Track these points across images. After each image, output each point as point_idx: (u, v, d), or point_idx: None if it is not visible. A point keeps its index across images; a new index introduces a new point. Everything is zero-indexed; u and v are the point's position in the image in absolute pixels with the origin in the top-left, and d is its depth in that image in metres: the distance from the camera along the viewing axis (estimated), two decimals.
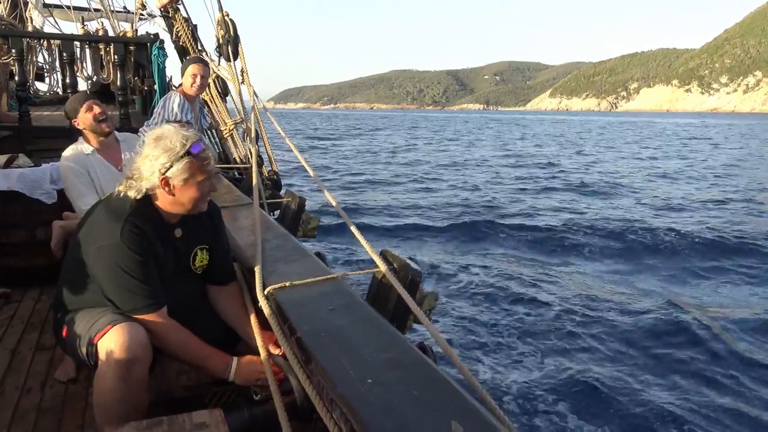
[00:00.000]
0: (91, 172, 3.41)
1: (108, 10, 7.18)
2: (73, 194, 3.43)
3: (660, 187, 19.24)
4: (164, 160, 2.13)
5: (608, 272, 9.47)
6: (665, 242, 11.04)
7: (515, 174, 22.74)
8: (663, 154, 35.24)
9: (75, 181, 3.41)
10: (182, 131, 2.21)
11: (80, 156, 3.46)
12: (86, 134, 3.53)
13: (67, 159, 3.45)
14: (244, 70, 5.10)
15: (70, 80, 5.55)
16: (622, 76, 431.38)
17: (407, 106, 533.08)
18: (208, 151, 2.21)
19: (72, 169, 3.41)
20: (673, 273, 9.42)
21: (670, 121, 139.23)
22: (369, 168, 25.11)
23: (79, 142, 3.54)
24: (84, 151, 3.49)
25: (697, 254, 10.37)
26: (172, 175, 2.14)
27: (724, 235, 11.37)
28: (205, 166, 2.18)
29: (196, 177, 2.16)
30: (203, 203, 2.26)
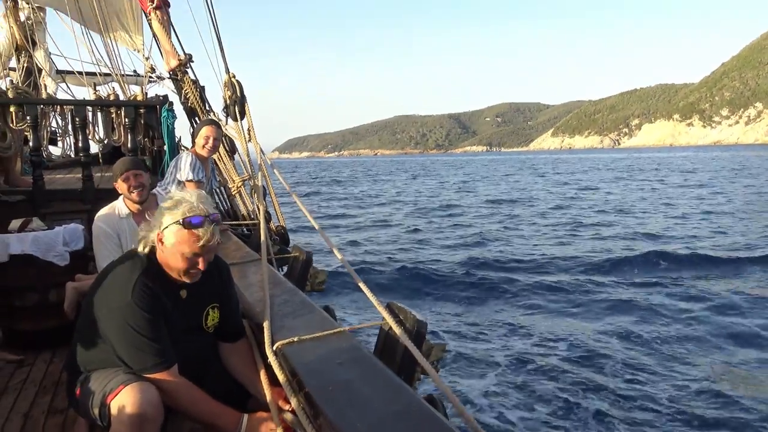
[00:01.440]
0: (122, 236, 3.53)
1: (119, 74, 7.44)
2: (99, 255, 3.56)
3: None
4: (166, 219, 2.24)
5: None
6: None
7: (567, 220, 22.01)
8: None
9: (104, 242, 3.54)
10: (201, 204, 2.27)
11: (113, 218, 3.60)
12: (124, 198, 3.70)
13: (99, 219, 3.59)
14: (250, 129, 5.27)
15: (82, 144, 5.72)
16: (622, 113, 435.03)
17: (411, 150, 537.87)
18: (206, 232, 2.21)
19: (102, 230, 3.55)
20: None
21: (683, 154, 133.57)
22: (375, 214, 25.27)
23: (119, 201, 3.69)
24: (119, 213, 3.64)
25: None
26: (166, 234, 2.23)
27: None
28: (193, 241, 2.20)
29: (182, 246, 2.20)
30: (190, 276, 2.28)
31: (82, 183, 5.60)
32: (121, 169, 3.64)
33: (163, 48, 6.39)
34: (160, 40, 6.28)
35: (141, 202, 3.67)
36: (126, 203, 3.69)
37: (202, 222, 2.21)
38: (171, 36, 6.24)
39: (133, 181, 3.62)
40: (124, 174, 3.60)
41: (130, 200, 3.67)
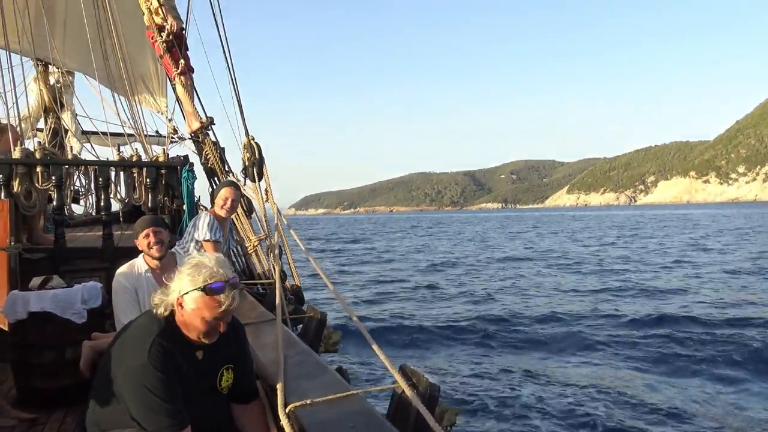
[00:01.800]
0: (139, 291, 3.63)
1: (142, 135, 7.69)
2: (117, 309, 3.69)
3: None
4: (185, 284, 2.27)
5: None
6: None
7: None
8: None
9: (122, 296, 3.66)
10: (221, 269, 2.32)
11: (132, 274, 3.72)
12: (144, 254, 3.83)
13: (119, 275, 3.73)
14: (268, 190, 5.38)
15: (104, 203, 5.86)
16: (638, 170, 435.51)
17: (426, 207, 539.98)
18: (227, 297, 2.26)
19: (121, 284, 3.68)
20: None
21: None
22: (389, 271, 25.21)
23: (139, 259, 3.81)
24: (138, 269, 3.76)
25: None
26: (184, 301, 2.26)
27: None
28: (214, 306, 2.24)
29: (203, 311, 2.24)
30: (209, 338, 2.32)
31: (102, 241, 5.71)
32: (143, 226, 3.80)
33: (185, 111, 6.63)
34: (184, 103, 6.52)
35: (160, 258, 3.80)
36: (145, 260, 3.81)
37: (223, 287, 2.25)
38: (194, 99, 6.48)
39: (153, 238, 3.76)
40: (145, 231, 3.76)
41: (150, 256, 3.80)
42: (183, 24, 6.76)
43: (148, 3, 6.56)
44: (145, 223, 3.82)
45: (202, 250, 4.20)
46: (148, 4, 6.57)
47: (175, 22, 6.55)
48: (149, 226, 3.78)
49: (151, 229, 3.77)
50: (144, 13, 6.63)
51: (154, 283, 3.76)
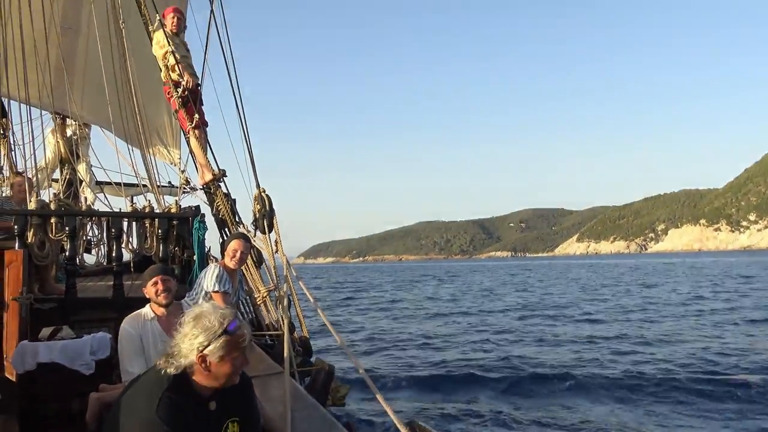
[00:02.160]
0: (144, 338, 3.70)
1: (155, 186, 7.84)
2: (121, 355, 3.78)
3: None
4: (202, 339, 2.26)
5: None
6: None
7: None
8: None
9: (126, 344, 3.76)
10: (220, 310, 2.37)
11: (138, 321, 3.82)
12: (152, 302, 3.94)
13: (125, 323, 3.84)
14: (278, 241, 5.45)
15: (116, 253, 5.93)
16: (647, 218, 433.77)
17: (435, 256, 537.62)
18: (244, 328, 2.35)
19: (126, 332, 3.78)
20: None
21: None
22: (398, 320, 24.97)
23: (146, 307, 3.90)
24: (145, 317, 3.84)
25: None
26: (209, 353, 2.26)
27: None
28: (240, 343, 2.31)
29: (232, 353, 2.29)
30: (236, 377, 2.36)
31: (112, 291, 5.75)
32: (151, 274, 3.96)
33: (198, 163, 6.78)
34: (197, 155, 6.67)
35: (167, 305, 3.93)
36: (152, 308, 3.91)
37: (237, 323, 2.33)
38: (207, 152, 6.63)
39: (161, 286, 3.90)
40: (153, 278, 3.89)
41: (157, 303, 3.92)
42: (198, 80, 6.99)
43: (165, 60, 6.80)
44: (153, 272, 3.97)
45: (212, 302, 4.23)
46: (166, 61, 6.81)
47: (191, 78, 6.77)
48: (158, 274, 3.92)
49: (159, 277, 3.90)
50: (161, 69, 6.86)
51: (160, 331, 3.82)
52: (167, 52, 6.77)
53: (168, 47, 6.76)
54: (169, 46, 6.75)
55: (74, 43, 9.84)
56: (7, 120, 8.31)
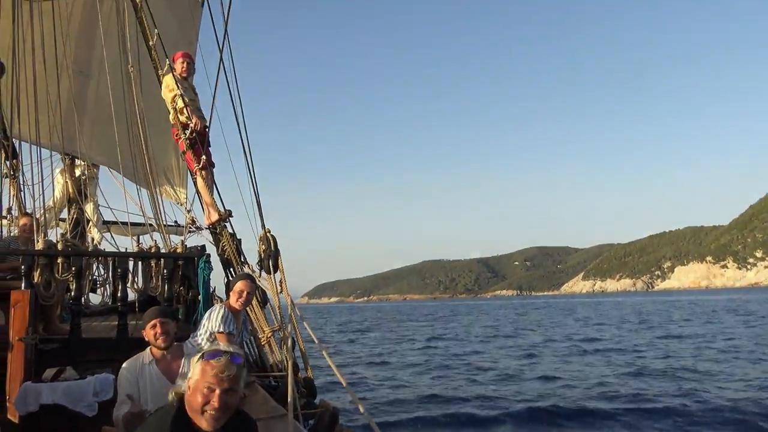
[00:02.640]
0: (141, 381, 3.67)
1: (161, 226, 7.91)
2: (118, 398, 3.71)
3: None
4: (194, 362, 2.37)
5: None
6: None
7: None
8: None
9: (123, 385, 3.71)
10: (226, 347, 2.41)
11: (136, 364, 3.79)
12: (150, 347, 3.91)
13: (123, 368, 3.79)
14: (282, 281, 5.46)
15: (121, 293, 5.94)
16: (653, 256, 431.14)
17: (440, 295, 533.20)
18: (219, 362, 2.30)
19: (123, 375, 3.75)
20: None
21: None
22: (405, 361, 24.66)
23: (146, 351, 3.89)
24: (143, 360, 3.82)
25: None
26: (191, 378, 2.33)
27: None
28: (208, 371, 2.28)
29: (201, 380, 2.28)
30: (205, 418, 2.26)
31: (117, 332, 5.74)
32: (150, 317, 3.93)
33: (204, 203, 6.86)
34: (203, 196, 6.75)
35: (165, 348, 3.89)
36: (152, 351, 3.89)
37: (220, 355, 2.33)
38: (213, 193, 6.72)
39: (159, 329, 3.87)
40: (152, 321, 3.87)
41: (155, 347, 3.89)
42: (207, 123, 7.12)
43: (174, 103, 6.95)
44: (152, 315, 3.95)
45: (216, 342, 4.24)
46: (174, 104, 6.95)
47: (199, 121, 6.90)
48: (156, 317, 3.91)
49: (158, 320, 3.89)
50: (170, 112, 7.01)
51: (159, 374, 3.79)
52: (176, 95, 6.92)
53: (177, 91, 6.91)
54: (178, 90, 6.91)
55: (85, 85, 10.07)
56: (18, 161, 8.43)
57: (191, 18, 10.56)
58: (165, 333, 3.87)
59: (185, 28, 10.67)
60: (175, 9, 10.62)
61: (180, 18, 10.67)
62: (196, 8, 10.80)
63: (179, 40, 10.38)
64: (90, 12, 9.50)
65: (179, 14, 10.66)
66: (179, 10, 10.64)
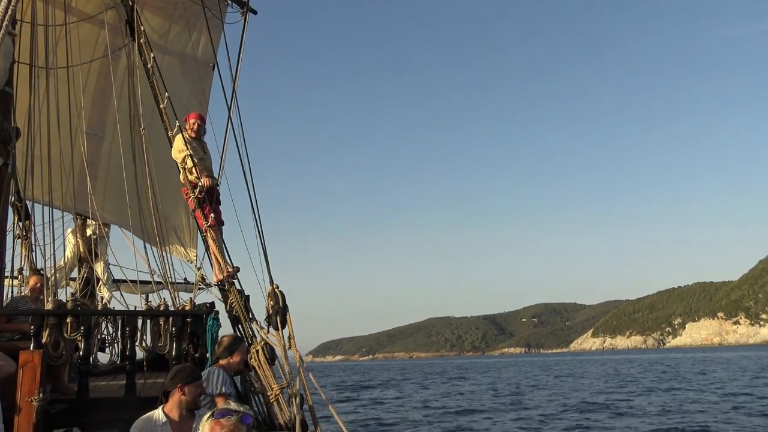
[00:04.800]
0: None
1: (170, 283, 7.97)
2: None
3: None
4: (203, 421, 2.39)
5: None
6: None
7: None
8: None
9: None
10: (234, 405, 2.43)
11: (149, 426, 3.70)
12: (164, 406, 3.84)
13: (136, 427, 3.74)
14: (291, 337, 5.46)
15: (129, 352, 5.94)
16: (663, 312, 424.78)
17: (446, 353, 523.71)
18: (229, 420, 2.35)
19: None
20: None
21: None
22: (413, 420, 24.07)
23: (158, 410, 3.82)
24: (156, 421, 3.74)
25: None
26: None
27: None
28: (218, 430, 2.34)
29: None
30: None
31: (124, 391, 5.71)
32: (194, 377, 3.87)
33: (213, 260, 6.92)
34: (212, 253, 6.82)
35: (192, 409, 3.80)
36: (165, 410, 3.81)
37: (231, 414, 2.36)
38: (222, 250, 6.79)
39: (198, 391, 3.88)
40: (196, 382, 3.80)
41: (182, 406, 3.79)
42: (216, 181, 7.29)
43: (184, 163, 7.13)
44: (185, 376, 3.90)
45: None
46: (184, 164, 7.14)
47: (208, 180, 7.06)
48: (188, 381, 3.86)
49: (201, 381, 3.90)
50: (180, 171, 7.18)
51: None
52: (186, 155, 7.11)
53: (186, 151, 7.10)
54: (188, 150, 7.10)
55: (98, 148, 10.33)
56: (30, 222, 8.57)
57: (201, 81, 10.94)
58: (200, 394, 3.89)
59: (196, 91, 11.03)
60: (187, 73, 11.01)
61: (191, 81, 11.05)
62: (206, 72, 11.20)
63: (190, 102, 10.72)
64: (104, 77, 9.85)
65: (190, 78, 11.04)
66: (190, 74, 11.03)
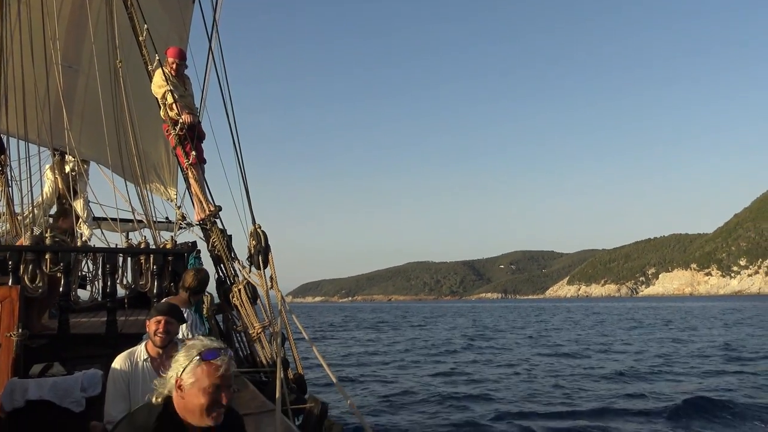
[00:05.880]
0: (133, 380, 3.60)
1: (151, 221, 7.86)
2: (107, 396, 3.65)
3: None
4: (182, 363, 2.29)
5: None
6: None
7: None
8: None
9: (111, 387, 3.64)
10: (214, 343, 2.39)
11: (131, 361, 3.70)
12: (147, 341, 3.84)
13: (117, 361, 3.71)
14: (273, 277, 5.46)
15: (110, 289, 5.91)
16: (638, 262, 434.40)
17: (425, 297, 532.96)
18: (222, 363, 2.28)
19: (115, 373, 3.67)
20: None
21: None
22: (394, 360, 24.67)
23: (140, 345, 3.83)
24: (137, 357, 3.73)
25: None
26: (184, 377, 2.26)
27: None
28: (212, 373, 2.26)
29: (202, 382, 2.24)
30: (211, 417, 2.27)
31: (105, 328, 5.71)
32: (159, 310, 3.85)
33: (195, 199, 6.83)
34: (194, 192, 6.72)
35: (161, 346, 3.82)
36: (147, 346, 3.81)
37: (218, 353, 2.30)
38: (204, 188, 6.70)
39: (162, 326, 3.80)
40: (157, 317, 3.79)
41: (153, 342, 3.82)
42: (198, 118, 7.11)
43: (164, 99, 6.93)
44: (161, 310, 3.87)
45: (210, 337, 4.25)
46: (164, 100, 6.93)
47: (189, 116, 6.88)
48: (164, 314, 3.83)
49: (164, 318, 3.82)
50: (160, 107, 6.98)
51: (153, 373, 3.74)
52: (166, 91, 6.90)
53: (166, 86, 6.89)
54: (168, 86, 6.88)
55: (74, 81, 9.99)
56: (6, 156, 8.34)
57: (182, 14, 10.53)
58: (166, 332, 3.80)
59: (176, 23, 10.64)
60: (166, 5, 10.59)
61: (171, 14, 10.63)
62: (186, 5, 10.78)
63: (170, 36, 10.34)
64: (79, 7, 9.43)
65: (170, 10, 10.62)
66: (170, 6, 10.61)
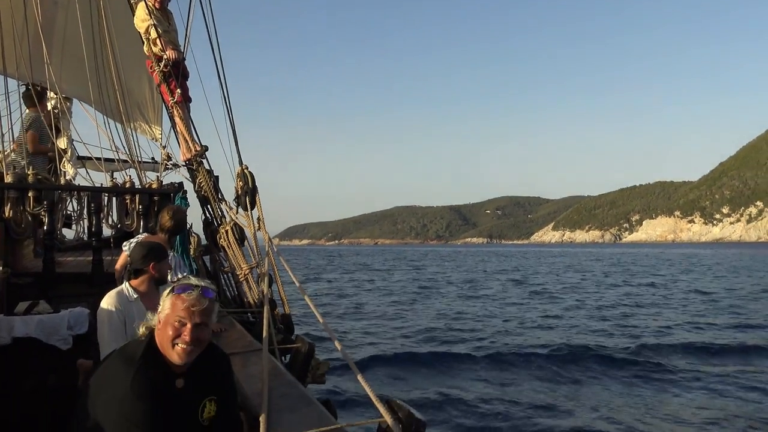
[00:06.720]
0: (128, 319, 3.55)
1: (136, 161, 7.73)
2: (102, 338, 3.54)
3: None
4: (164, 296, 2.36)
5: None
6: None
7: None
8: None
9: (107, 324, 3.53)
10: (196, 280, 2.39)
11: (122, 300, 3.59)
12: (130, 280, 3.74)
13: (107, 302, 3.57)
14: (260, 219, 5.44)
15: (95, 228, 5.86)
16: (623, 209, 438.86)
17: (411, 240, 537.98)
18: (190, 295, 2.28)
19: (109, 312, 3.55)
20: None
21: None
22: (381, 303, 25.10)
23: (125, 286, 3.71)
24: (128, 296, 3.66)
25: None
26: (161, 311, 2.32)
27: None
28: (178, 305, 2.28)
29: (172, 314, 2.27)
30: (178, 354, 2.27)
31: (91, 267, 5.70)
32: (155, 257, 3.74)
33: (180, 138, 6.71)
34: (179, 131, 6.59)
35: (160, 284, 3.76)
36: (133, 284, 3.73)
37: (191, 288, 2.31)
38: (189, 128, 6.56)
39: (166, 267, 3.80)
40: (153, 263, 3.71)
41: (151, 282, 3.74)
42: (183, 54, 6.88)
43: (147, 34, 6.68)
44: (156, 254, 3.77)
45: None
46: (147, 35, 6.69)
47: (174, 52, 6.66)
48: (156, 259, 3.73)
49: (164, 263, 3.77)
50: (144, 42, 6.75)
51: (144, 310, 3.72)
52: (149, 25, 6.65)
53: (149, 20, 6.64)
54: (151, 20, 6.63)
55: (53, 13, 9.58)
56: None
57: None
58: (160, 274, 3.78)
59: None
60: None
61: None
62: None
63: None
64: None
65: None
66: None
